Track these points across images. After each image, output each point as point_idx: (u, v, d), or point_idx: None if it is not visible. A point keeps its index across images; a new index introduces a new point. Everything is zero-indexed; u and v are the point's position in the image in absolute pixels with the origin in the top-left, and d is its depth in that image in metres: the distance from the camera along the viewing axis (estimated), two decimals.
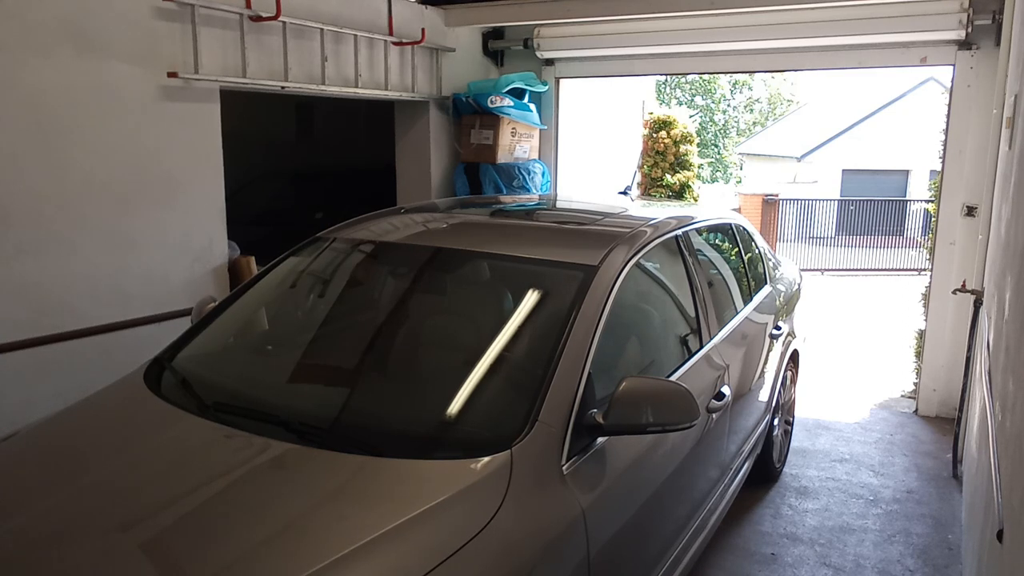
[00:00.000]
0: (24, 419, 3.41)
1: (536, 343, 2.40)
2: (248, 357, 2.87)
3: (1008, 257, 2.74)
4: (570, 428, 2.09)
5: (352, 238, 3.06)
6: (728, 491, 3.35)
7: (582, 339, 2.26)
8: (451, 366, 2.46)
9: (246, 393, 2.51)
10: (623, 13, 5.43)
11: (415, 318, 2.80)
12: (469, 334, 2.63)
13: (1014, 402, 1.99)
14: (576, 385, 2.15)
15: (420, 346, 2.69)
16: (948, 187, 5.19)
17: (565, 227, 3.19)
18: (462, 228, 3.14)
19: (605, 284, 2.46)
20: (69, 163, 3.50)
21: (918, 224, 16.35)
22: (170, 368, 2.66)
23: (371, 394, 2.48)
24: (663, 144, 9.15)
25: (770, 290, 4.17)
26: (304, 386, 2.60)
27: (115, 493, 2.01)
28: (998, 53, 4.52)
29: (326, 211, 7.19)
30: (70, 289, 3.56)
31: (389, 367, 2.60)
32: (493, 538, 1.79)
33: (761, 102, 32.16)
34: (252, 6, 4.18)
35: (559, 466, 2.03)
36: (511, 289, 2.75)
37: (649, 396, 2.13)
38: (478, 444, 2.04)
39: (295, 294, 3.09)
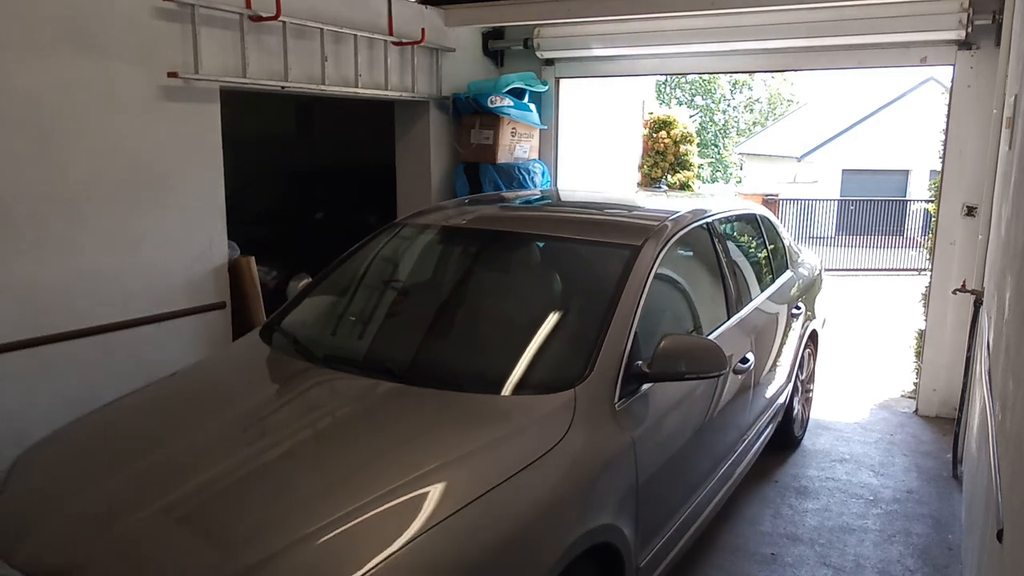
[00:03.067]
0: (24, 419, 3.42)
1: (593, 307, 2.86)
2: (348, 320, 3.41)
3: (1008, 257, 2.74)
4: (621, 375, 2.57)
5: (430, 223, 3.63)
6: (751, 448, 3.83)
7: (629, 304, 2.75)
8: (526, 325, 2.97)
9: (351, 347, 3.15)
10: (623, 13, 5.43)
11: (493, 287, 3.39)
12: (539, 300, 3.19)
13: (1014, 402, 1.99)
14: (625, 341, 2.64)
15: (500, 309, 3.23)
16: (948, 187, 5.19)
17: (611, 216, 3.75)
18: (523, 216, 3.74)
19: (647, 261, 2.94)
20: (69, 163, 3.51)
21: (918, 224, 16.35)
22: (280, 330, 3.21)
23: (461, 346, 3.04)
24: (663, 144, 9.16)
25: (791, 275, 4.57)
26: (403, 341, 3.12)
27: (260, 419, 2.58)
28: (998, 53, 4.52)
29: (326, 211, 7.20)
30: (70, 289, 3.56)
31: (476, 325, 3.18)
32: (563, 453, 2.28)
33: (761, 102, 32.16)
34: (252, 6, 4.18)
35: (612, 404, 2.52)
36: (570, 264, 3.32)
37: (685, 350, 2.63)
38: (549, 385, 2.54)
39: (382, 268, 3.61)
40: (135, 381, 3.86)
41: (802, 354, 4.57)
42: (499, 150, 5.81)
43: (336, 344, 3.20)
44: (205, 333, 4.21)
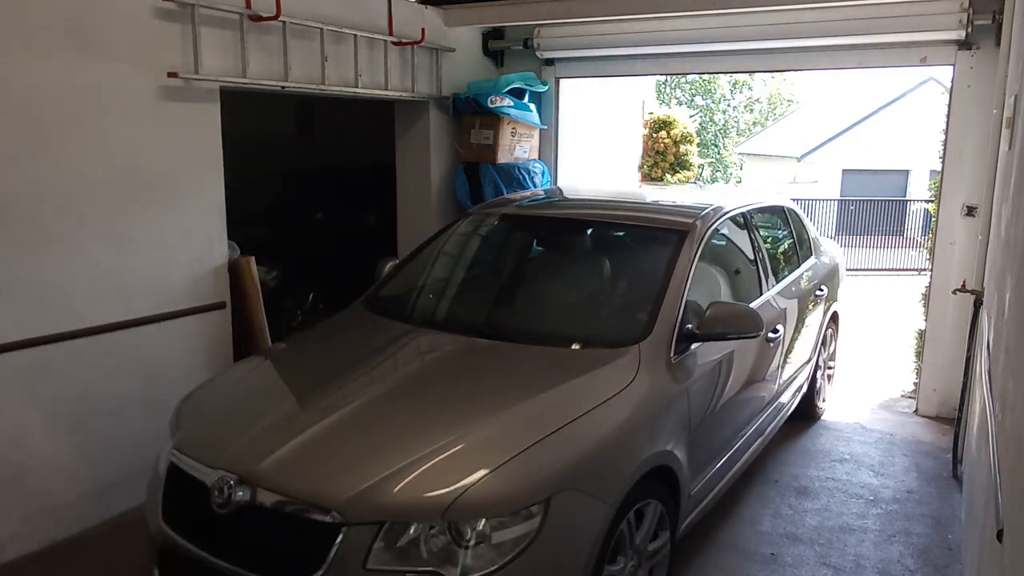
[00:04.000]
0: (24, 419, 3.43)
1: (651, 279, 3.39)
2: (440, 290, 3.97)
3: (1008, 257, 2.74)
4: (675, 334, 3.12)
5: (504, 212, 4.22)
6: (780, 412, 4.41)
7: (680, 277, 3.30)
8: (598, 293, 3.70)
9: (448, 312, 3.79)
10: (623, 13, 5.43)
11: (567, 264, 3.95)
12: (606, 273, 3.77)
13: (1014, 402, 1.99)
14: (678, 306, 3.19)
15: (574, 282, 3.79)
16: (948, 187, 5.19)
17: (661, 206, 4.37)
18: (588, 206, 4.36)
19: (694, 242, 3.47)
20: (69, 163, 3.50)
21: (918, 224, 16.35)
22: (382, 300, 3.77)
23: (545, 311, 3.63)
24: (663, 144, 9.15)
25: (815, 260, 5.09)
26: (494, 307, 3.80)
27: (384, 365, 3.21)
28: (998, 53, 4.52)
29: (326, 211, 7.20)
30: (70, 289, 3.56)
31: (556, 294, 3.74)
32: (632, 393, 2.85)
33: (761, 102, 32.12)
34: (252, 6, 4.18)
35: (669, 357, 3.07)
36: (631, 245, 3.96)
37: (729, 314, 3.21)
38: (620, 341, 3.10)
39: (463, 249, 4.17)
40: (135, 381, 3.88)
41: (825, 333, 5.10)
42: (499, 150, 5.81)
43: (433, 310, 3.83)
44: (205, 333, 4.21)
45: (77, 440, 3.65)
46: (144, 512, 2.84)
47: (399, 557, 2.29)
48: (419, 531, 2.30)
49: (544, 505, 2.36)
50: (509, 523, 2.32)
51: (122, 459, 3.86)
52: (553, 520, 2.37)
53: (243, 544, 2.45)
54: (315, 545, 2.31)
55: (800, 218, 5.16)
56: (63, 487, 3.62)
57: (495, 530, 2.31)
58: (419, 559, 2.28)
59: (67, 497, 3.64)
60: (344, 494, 2.33)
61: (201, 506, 2.49)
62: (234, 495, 2.42)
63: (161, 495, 2.69)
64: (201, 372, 4.21)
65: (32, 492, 3.50)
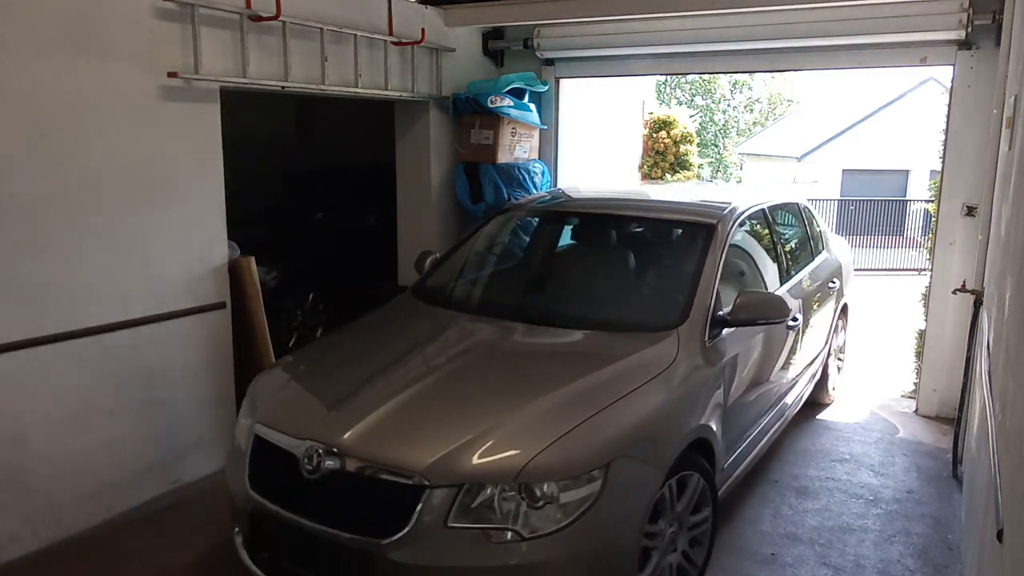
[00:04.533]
0: (24, 419, 3.43)
1: (685, 270, 3.66)
2: (490, 282, 4.34)
3: (1008, 257, 2.74)
4: (709, 320, 3.39)
5: (538, 208, 4.61)
6: (797, 398, 4.69)
7: (711, 268, 3.56)
8: (637, 282, 4.02)
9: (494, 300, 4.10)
10: (623, 13, 5.43)
11: (606, 256, 4.20)
12: (643, 264, 4.09)
13: (1014, 402, 1.99)
14: (711, 295, 3.46)
15: (615, 272, 4.06)
16: (948, 187, 5.19)
17: (689, 203, 4.58)
18: (622, 202, 4.60)
19: (722, 235, 3.74)
20: (69, 163, 3.50)
21: (918, 224, 16.34)
22: (429, 290, 4.03)
23: (590, 298, 3.90)
24: (663, 144, 9.15)
25: (827, 255, 5.33)
26: (539, 294, 4.14)
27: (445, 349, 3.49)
28: (998, 53, 4.52)
29: (326, 211, 7.19)
30: (70, 289, 3.56)
31: (599, 284, 4.01)
32: (674, 371, 3.13)
33: (761, 102, 32.12)
34: (252, 6, 4.18)
35: (704, 341, 3.34)
36: (664, 239, 4.26)
37: (758, 302, 3.51)
38: (660, 326, 3.36)
39: (504, 244, 4.53)
40: (135, 381, 3.88)
41: (835, 324, 5.34)
42: (499, 150, 5.81)
43: (485, 298, 4.13)
44: (205, 333, 4.21)
45: (77, 440, 3.65)
46: (228, 481, 3.13)
47: (476, 516, 2.56)
48: (494, 493, 2.56)
49: (604, 470, 2.64)
50: (574, 485, 2.59)
51: (122, 459, 3.86)
52: (612, 483, 2.64)
53: (331, 506, 2.70)
54: (401, 506, 2.57)
55: (813, 214, 5.46)
56: (63, 487, 3.62)
57: (562, 491, 2.58)
58: (494, 518, 2.55)
59: (67, 497, 3.64)
60: (427, 460, 2.59)
61: (289, 473, 2.75)
62: (323, 463, 2.68)
63: (247, 465, 2.94)
64: (201, 372, 4.21)
65: (32, 492, 3.50)
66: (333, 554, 2.67)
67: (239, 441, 3.11)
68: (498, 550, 2.55)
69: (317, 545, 2.70)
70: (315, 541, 2.70)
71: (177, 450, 4.14)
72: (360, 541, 2.60)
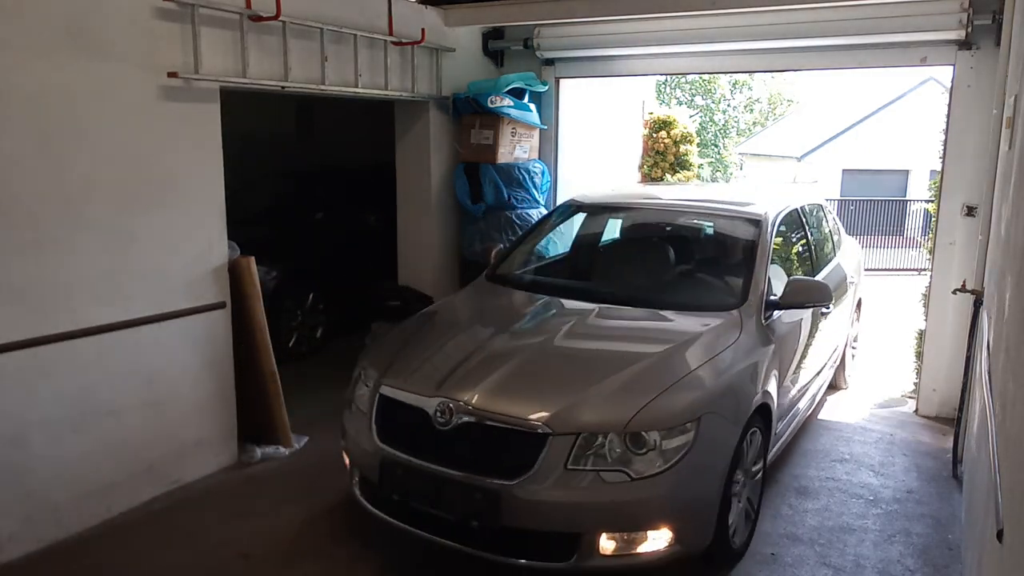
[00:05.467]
0: (24, 419, 3.42)
1: (740, 259, 4.24)
2: (561, 267, 4.84)
3: (1008, 257, 2.74)
4: (763, 302, 3.88)
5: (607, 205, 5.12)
6: (825, 378, 5.13)
7: (763, 257, 4.07)
8: (700, 269, 4.54)
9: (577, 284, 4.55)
10: (623, 13, 5.43)
11: (670, 247, 4.54)
12: (705, 255, 4.70)
13: (1014, 402, 1.99)
14: (764, 280, 3.97)
15: (681, 260, 4.51)
16: (948, 187, 5.19)
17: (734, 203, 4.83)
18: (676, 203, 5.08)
19: (769, 229, 4.25)
20: (69, 163, 3.50)
21: (918, 224, 16.34)
22: (502, 276, 4.50)
23: (660, 283, 4.37)
24: (663, 144, 9.14)
25: (844, 251, 5.80)
26: (616, 279, 4.58)
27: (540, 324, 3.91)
28: (998, 53, 4.52)
29: (326, 211, 7.19)
30: (70, 289, 3.56)
31: (668, 270, 4.45)
32: (741, 344, 3.61)
33: (761, 102, 32.08)
34: (252, 6, 4.18)
35: (760, 320, 3.83)
36: (719, 232, 4.74)
37: (806, 287, 4.01)
38: (725, 307, 3.89)
39: (570, 235, 5.06)
40: (135, 381, 3.88)
41: (853, 313, 5.81)
42: (499, 150, 5.81)
43: (563, 281, 4.56)
44: (205, 333, 4.21)
45: (77, 440, 3.65)
46: (346, 441, 3.61)
47: (590, 460, 3.01)
48: (605, 441, 3.02)
49: (696, 423, 3.09)
50: (671, 435, 3.05)
51: (122, 459, 3.86)
52: (702, 434, 3.09)
53: (461, 454, 3.13)
54: (526, 452, 3.01)
55: (832, 214, 5.98)
56: (63, 487, 3.62)
57: (662, 440, 3.03)
58: (605, 462, 3.01)
59: (67, 497, 3.64)
60: (549, 413, 3.05)
61: (418, 427, 3.20)
62: (455, 417, 3.12)
63: (373, 422, 3.38)
64: (201, 372, 4.21)
65: (32, 492, 3.50)
66: (464, 494, 3.06)
67: (359, 405, 3.53)
68: (609, 489, 3.00)
69: (448, 487, 3.10)
70: (446, 483, 3.10)
71: (177, 450, 4.13)
72: (490, 482, 3.03)
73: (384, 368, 3.51)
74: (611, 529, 3.04)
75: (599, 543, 3.03)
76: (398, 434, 3.32)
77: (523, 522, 3.03)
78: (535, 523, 3.04)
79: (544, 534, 3.07)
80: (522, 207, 6.00)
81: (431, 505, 3.17)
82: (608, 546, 3.05)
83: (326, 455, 4.63)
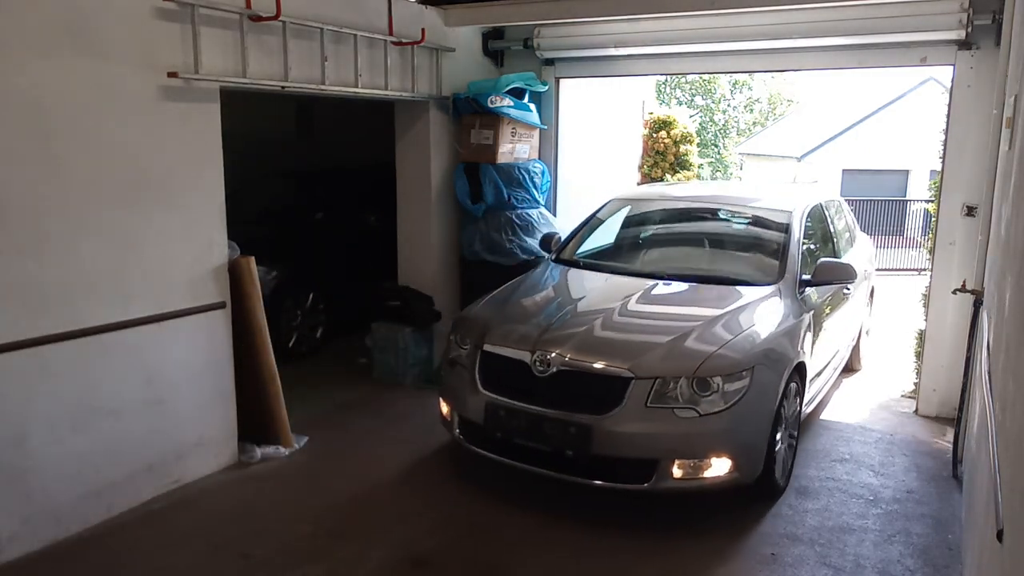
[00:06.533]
0: (24, 419, 3.43)
1: (778, 243, 4.82)
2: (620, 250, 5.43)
3: (1008, 257, 2.74)
4: (797, 279, 4.53)
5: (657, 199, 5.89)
6: (842, 356, 5.66)
7: (796, 241, 4.75)
8: (743, 251, 5.15)
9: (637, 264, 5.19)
10: (623, 13, 5.43)
11: (716, 233, 5.35)
12: (747, 240, 5.26)
13: (1014, 402, 1.99)
14: (798, 260, 4.62)
15: (727, 244, 5.28)
16: (948, 187, 5.19)
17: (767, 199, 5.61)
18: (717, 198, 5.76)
19: (799, 218, 4.95)
20: (69, 163, 3.51)
21: (918, 224, 16.32)
22: (569, 259, 5.17)
23: (710, 262, 5.05)
24: (663, 144, 9.15)
25: (859, 244, 6.37)
26: (676, 260, 5.20)
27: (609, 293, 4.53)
28: (998, 53, 4.52)
29: (326, 211, 7.19)
30: (70, 289, 3.56)
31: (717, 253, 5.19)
32: (782, 311, 4.27)
33: (761, 102, 32.10)
34: (252, 6, 4.18)
35: (796, 292, 4.48)
36: (758, 222, 5.28)
37: (833, 266, 4.64)
38: (766, 281, 4.50)
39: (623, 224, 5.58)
40: (135, 381, 3.88)
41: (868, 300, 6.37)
42: (499, 150, 5.81)
43: (622, 262, 5.23)
44: (205, 333, 4.21)
45: (77, 440, 3.65)
46: (447, 395, 4.31)
47: (665, 400, 3.68)
48: (677, 384, 3.68)
49: (750, 371, 3.76)
50: (731, 381, 3.72)
51: (122, 459, 3.86)
52: (755, 381, 3.77)
53: (557, 396, 3.79)
54: (613, 393, 3.70)
55: (847, 210, 6.55)
56: (63, 487, 3.62)
57: (724, 383, 3.69)
58: (677, 401, 3.68)
59: (67, 497, 3.64)
60: (632, 361, 3.75)
61: (517, 376, 3.90)
62: (551, 366, 3.81)
63: (477, 374, 4.05)
64: (201, 372, 4.21)
65: (32, 492, 3.50)
66: (560, 428, 3.73)
67: (461, 363, 4.19)
68: (681, 423, 3.66)
69: (546, 423, 3.76)
70: (544, 420, 3.76)
71: (177, 450, 4.13)
72: (584, 417, 3.70)
73: (482, 333, 4.17)
74: (682, 456, 3.70)
75: (672, 469, 3.69)
76: (500, 383, 3.98)
77: (610, 450, 3.69)
78: (620, 451, 3.70)
79: (627, 460, 3.73)
80: (522, 207, 6.00)
81: (530, 439, 3.83)
82: (679, 471, 3.70)
83: (326, 455, 4.64)
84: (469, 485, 4.31)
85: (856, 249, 6.09)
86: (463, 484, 4.33)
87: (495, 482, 4.28)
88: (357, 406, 5.50)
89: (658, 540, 3.76)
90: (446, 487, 4.30)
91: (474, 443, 4.10)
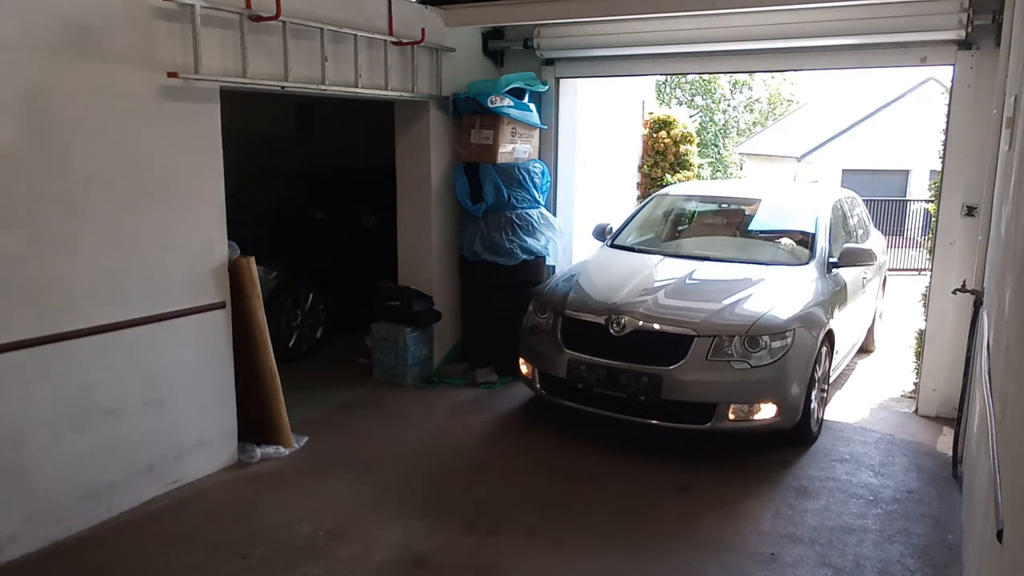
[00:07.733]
0: (24, 419, 3.43)
1: (808, 231, 5.56)
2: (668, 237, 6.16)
3: (1008, 257, 2.74)
4: (827, 261, 5.28)
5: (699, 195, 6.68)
6: (860, 336, 6.35)
7: (824, 227, 5.53)
8: (779, 238, 5.76)
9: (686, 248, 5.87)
10: (623, 13, 5.43)
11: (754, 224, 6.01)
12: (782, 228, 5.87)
13: (1014, 402, 1.99)
14: (826, 245, 5.40)
15: (763, 232, 5.92)
16: (948, 187, 5.19)
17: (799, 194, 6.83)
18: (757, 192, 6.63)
19: (826, 212, 5.73)
20: (69, 163, 3.51)
21: (918, 224, 16.31)
22: (620, 245, 5.90)
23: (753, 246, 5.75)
24: (663, 144, 9.15)
25: (872, 237, 6.95)
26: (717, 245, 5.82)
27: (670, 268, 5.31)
28: (998, 53, 4.52)
29: (326, 211, 7.19)
30: (70, 289, 3.56)
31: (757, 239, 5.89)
32: (815, 285, 5.03)
33: (761, 102, 32.08)
34: (252, 6, 4.18)
35: (826, 272, 5.22)
36: (791, 213, 6.06)
37: (856, 251, 5.35)
38: (800, 262, 5.29)
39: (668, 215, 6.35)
40: (135, 381, 3.88)
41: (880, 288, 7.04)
42: (499, 150, 5.81)
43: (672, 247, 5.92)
44: (205, 333, 4.21)
45: (77, 440, 3.65)
46: (529, 356, 5.08)
47: (722, 354, 4.44)
48: (732, 341, 4.44)
49: (792, 332, 4.52)
50: (776, 339, 4.48)
51: (122, 459, 3.86)
52: (796, 340, 4.52)
53: (631, 351, 4.54)
54: (679, 348, 4.46)
55: (863, 206, 7.14)
56: (63, 487, 3.62)
57: (771, 341, 4.45)
58: (732, 356, 4.43)
59: (67, 497, 3.64)
60: (695, 320, 4.55)
61: (595, 336, 4.66)
62: (625, 326, 4.60)
63: (559, 336, 4.82)
64: (201, 372, 4.21)
65: (32, 492, 3.50)
66: (634, 378, 4.49)
67: (543, 328, 4.97)
68: (736, 373, 4.42)
69: (621, 374, 4.53)
70: (620, 372, 4.54)
71: (177, 450, 4.14)
72: (655, 369, 4.46)
73: (561, 303, 4.95)
74: (736, 401, 4.43)
75: (728, 412, 4.43)
76: (580, 342, 4.74)
77: (677, 395, 4.43)
78: (685, 396, 4.44)
79: (691, 404, 4.47)
80: (522, 207, 6.00)
81: (609, 388, 4.57)
82: (733, 415, 4.44)
83: (326, 455, 4.64)
84: (469, 485, 4.30)
85: (870, 242, 6.64)
86: (463, 484, 4.32)
87: (495, 482, 4.27)
88: (357, 406, 5.51)
89: (653, 543, 3.75)
90: (446, 487, 4.30)
91: (556, 395, 4.88)
